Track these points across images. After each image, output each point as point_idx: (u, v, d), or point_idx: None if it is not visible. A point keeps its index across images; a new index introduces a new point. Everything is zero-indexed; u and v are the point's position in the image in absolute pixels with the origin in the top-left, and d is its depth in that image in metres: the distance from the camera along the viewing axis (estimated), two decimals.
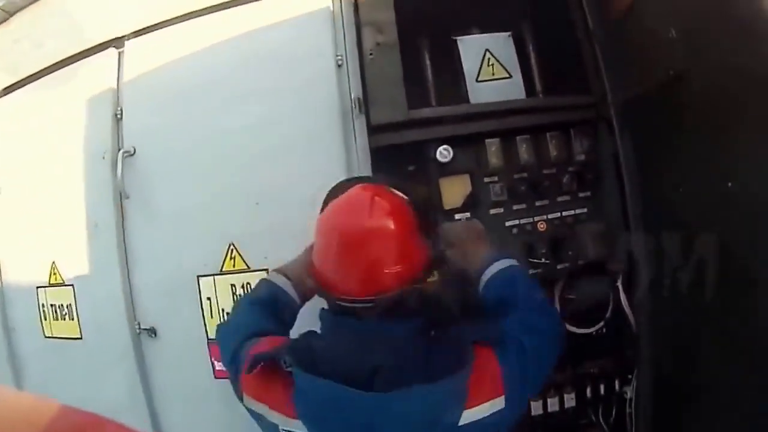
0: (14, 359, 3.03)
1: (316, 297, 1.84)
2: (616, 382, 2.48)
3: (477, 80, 2.43)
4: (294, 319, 1.89)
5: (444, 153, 2.34)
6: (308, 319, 1.84)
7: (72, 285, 2.87)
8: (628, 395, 2.41)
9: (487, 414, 1.43)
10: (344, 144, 2.33)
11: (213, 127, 2.52)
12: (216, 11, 2.56)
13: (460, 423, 1.41)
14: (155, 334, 2.62)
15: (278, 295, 1.85)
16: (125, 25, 2.74)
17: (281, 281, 1.87)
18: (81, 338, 2.84)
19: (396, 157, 2.34)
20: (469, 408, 1.41)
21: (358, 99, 2.29)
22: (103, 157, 2.67)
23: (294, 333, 1.83)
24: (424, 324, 1.54)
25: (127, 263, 2.66)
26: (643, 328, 2.29)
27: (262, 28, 2.46)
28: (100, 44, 2.81)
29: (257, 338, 1.66)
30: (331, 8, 2.43)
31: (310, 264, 1.71)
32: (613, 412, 2.49)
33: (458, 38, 2.48)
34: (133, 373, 2.65)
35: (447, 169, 2.37)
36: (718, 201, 1.80)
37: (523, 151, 2.32)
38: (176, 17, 2.64)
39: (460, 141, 2.34)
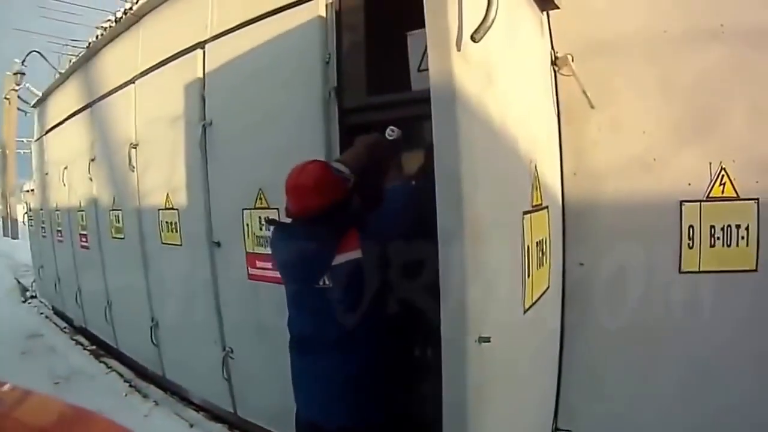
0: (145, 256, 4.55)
1: None
2: None
3: (418, 70, 2.78)
4: None
5: (390, 132, 2.70)
6: None
7: (177, 209, 4.14)
8: None
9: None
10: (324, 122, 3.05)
11: (249, 107, 3.46)
12: (254, 23, 3.39)
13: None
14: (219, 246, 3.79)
15: None
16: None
17: None
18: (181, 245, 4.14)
19: (361, 133, 2.80)
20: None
21: (334, 88, 3.00)
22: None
23: None
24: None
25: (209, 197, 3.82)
26: None
27: (280, 35, 3.23)
28: (191, 46, 3.90)
29: None
30: (324, 16, 3.05)
31: None
32: None
33: (409, 33, 2.78)
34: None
35: (406, 144, 2.77)
36: None
37: None
38: (231, 28, 3.58)
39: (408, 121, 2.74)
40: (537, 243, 2.29)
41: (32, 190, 9.12)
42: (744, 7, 2.37)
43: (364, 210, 2.54)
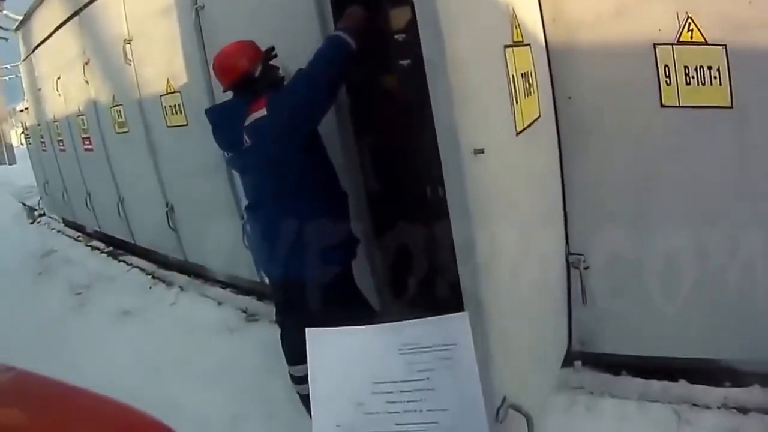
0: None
1: None
2: None
3: None
4: None
5: None
6: None
7: (180, 92, 4.12)
8: None
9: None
10: None
11: None
12: None
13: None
14: None
15: None
16: None
17: None
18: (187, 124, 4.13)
19: None
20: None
21: None
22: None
23: None
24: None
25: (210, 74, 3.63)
26: None
27: None
28: None
29: None
30: None
31: None
32: None
33: None
34: None
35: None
36: None
37: None
38: None
39: None
40: (522, 74, 2.37)
41: (26, 108, 8.93)
42: None
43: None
